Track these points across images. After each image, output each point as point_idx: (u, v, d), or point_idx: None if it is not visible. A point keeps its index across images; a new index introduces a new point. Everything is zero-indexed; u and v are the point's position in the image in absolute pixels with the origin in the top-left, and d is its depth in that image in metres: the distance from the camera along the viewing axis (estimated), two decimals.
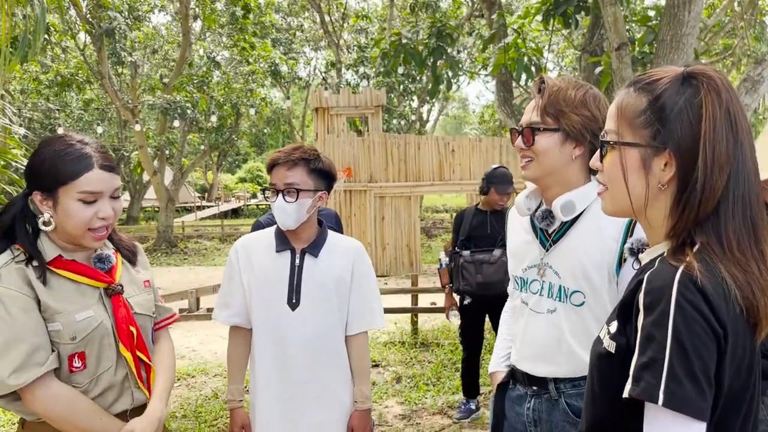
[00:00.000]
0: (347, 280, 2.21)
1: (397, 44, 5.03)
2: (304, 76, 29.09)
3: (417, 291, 7.12)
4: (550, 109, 1.62)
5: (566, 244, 1.66)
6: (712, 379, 0.92)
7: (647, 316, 0.95)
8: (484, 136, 24.41)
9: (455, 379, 5.39)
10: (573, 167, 1.65)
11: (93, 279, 1.62)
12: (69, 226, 1.56)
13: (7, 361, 1.46)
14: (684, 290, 0.92)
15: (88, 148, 1.58)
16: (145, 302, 1.75)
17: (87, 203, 1.55)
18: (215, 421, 4.62)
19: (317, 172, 2.14)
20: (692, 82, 1.02)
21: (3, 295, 1.49)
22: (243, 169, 43.28)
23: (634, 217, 1.11)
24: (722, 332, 0.92)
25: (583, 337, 1.62)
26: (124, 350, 1.62)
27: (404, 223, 13.03)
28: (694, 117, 0.99)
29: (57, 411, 1.52)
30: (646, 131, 1.03)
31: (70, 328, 1.54)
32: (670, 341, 0.91)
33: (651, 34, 5.75)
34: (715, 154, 0.98)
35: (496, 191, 4.37)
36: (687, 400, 0.90)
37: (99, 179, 1.56)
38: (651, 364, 0.93)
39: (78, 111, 23.44)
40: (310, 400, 2.16)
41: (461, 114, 51.38)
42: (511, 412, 1.77)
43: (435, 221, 23.18)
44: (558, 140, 1.63)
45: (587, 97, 1.64)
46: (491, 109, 31.81)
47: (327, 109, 12.84)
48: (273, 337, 2.16)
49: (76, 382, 1.57)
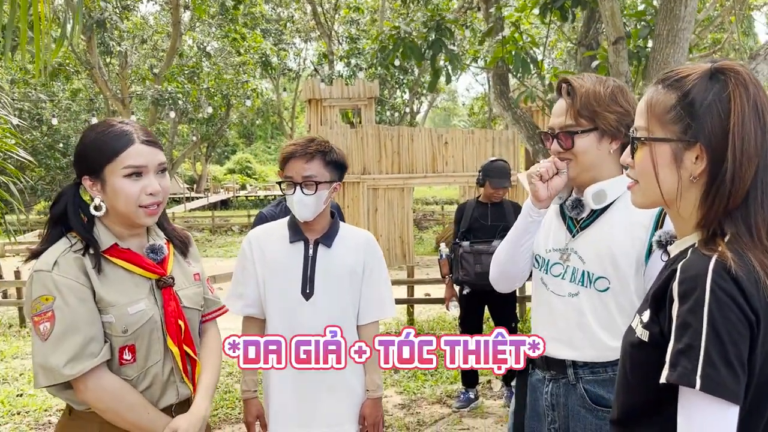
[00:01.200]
0: (359, 270, 2.24)
1: (396, 37, 5.04)
2: (294, 68, 28.96)
3: (413, 282, 7.17)
4: (584, 111, 1.65)
5: (595, 231, 1.70)
6: (745, 364, 0.96)
7: (682, 304, 0.98)
8: (475, 128, 24.44)
9: (452, 369, 5.45)
10: (609, 161, 1.69)
11: (146, 269, 1.62)
12: (119, 204, 1.56)
13: (63, 350, 1.47)
14: (718, 278, 0.96)
15: (128, 126, 1.60)
16: (195, 296, 1.74)
17: (133, 179, 1.55)
18: (215, 411, 4.66)
19: (332, 163, 2.17)
20: (720, 78, 1.05)
21: (60, 284, 1.49)
22: (232, 161, 43.04)
23: (665, 208, 1.15)
24: (755, 319, 0.96)
25: (605, 322, 1.65)
26: (172, 344, 1.62)
27: (397, 215, 13.07)
28: (723, 111, 1.02)
29: (107, 402, 1.52)
30: (677, 126, 1.06)
31: (123, 321, 1.55)
32: (705, 328, 0.95)
33: (646, 29, 5.81)
34: (744, 146, 1.01)
35: (490, 184, 4.41)
36: (722, 385, 0.94)
37: (141, 153, 1.56)
38: (687, 350, 0.96)
39: (66, 101, 23.20)
40: (323, 389, 2.20)
41: (450, 106, 51.40)
42: (531, 396, 1.81)
43: (426, 213, 23.23)
44: (595, 139, 1.67)
45: (615, 91, 1.67)
46: (481, 101, 31.86)
47: (320, 101, 12.83)
48: (287, 327, 2.18)
49: (126, 374, 1.57)
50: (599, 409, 1.64)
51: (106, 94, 17.02)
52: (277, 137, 46.87)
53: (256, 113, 25.66)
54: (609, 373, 1.65)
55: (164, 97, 16.29)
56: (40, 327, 1.48)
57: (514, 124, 6.26)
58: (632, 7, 10.66)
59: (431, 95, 27.57)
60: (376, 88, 13.04)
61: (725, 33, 12.81)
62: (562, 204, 1.78)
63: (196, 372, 1.71)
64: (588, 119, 1.65)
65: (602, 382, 1.66)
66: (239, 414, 4.63)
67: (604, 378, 1.65)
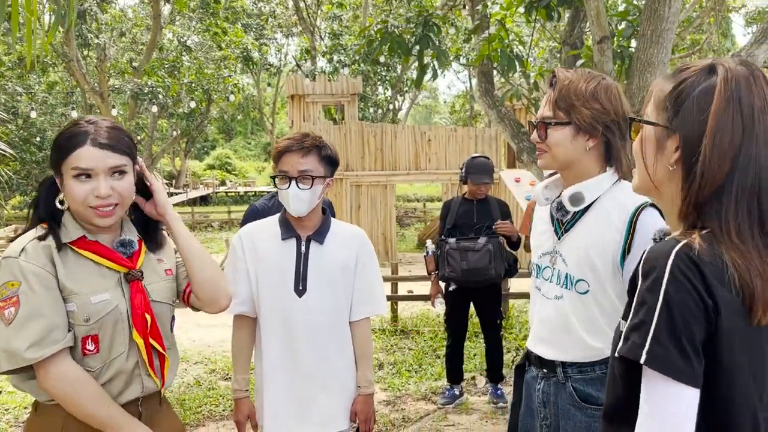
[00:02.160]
0: (351, 267, 2.24)
1: (383, 32, 5.03)
2: (275, 63, 28.79)
3: (397, 279, 7.18)
4: (561, 103, 1.66)
5: (576, 233, 1.71)
6: (699, 348, 0.97)
7: (643, 282, 1.02)
8: (458, 126, 24.52)
9: (437, 366, 5.47)
10: (587, 159, 1.69)
11: (114, 262, 1.63)
12: (71, 203, 1.58)
13: (26, 334, 1.47)
14: (679, 261, 0.99)
15: (91, 126, 1.58)
16: (164, 290, 1.74)
17: (82, 180, 1.55)
18: (199, 408, 4.62)
19: (326, 159, 2.17)
20: (712, 74, 1.07)
21: (27, 270, 1.50)
22: (211, 156, 42.67)
23: (654, 196, 1.16)
24: (714, 307, 0.97)
25: (587, 324, 1.67)
26: (137, 336, 1.62)
27: (380, 212, 13.07)
28: (705, 105, 1.04)
29: (66, 390, 1.52)
30: (665, 114, 1.10)
31: (85, 310, 1.55)
32: (659, 306, 0.98)
33: (629, 29, 5.87)
34: (716, 141, 1.02)
35: (471, 181, 4.43)
36: (668, 362, 0.96)
37: (89, 156, 1.54)
38: (640, 326, 1.00)
39: (42, 94, 22.79)
40: (316, 385, 2.19)
41: (432, 104, 51.51)
42: (525, 393, 1.83)
43: (408, 210, 23.25)
44: (570, 133, 1.67)
45: (599, 89, 1.66)
46: (462, 99, 31.97)
47: (303, 97, 12.77)
48: (280, 325, 2.18)
49: (89, 365, 1.57)
50: (588, 407, 1.66)
51: (84, 88, 16.75)
52: (258, 133, 46.58)
53: (236, 108, 25.46)
54: (597, 372, 1.67)
55: (144, 91, 16.07)
56: (5, 312, 1.49)
57: (498, 122, 6.28)
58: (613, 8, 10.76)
59: (413, 92, 27.60)
60: (359, 84, 13.02)
61: (704, 34, 13.00)
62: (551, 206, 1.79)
63: (164, 367, 1.70)
64: (564, 112, 1.66)
65: (590, 380, 1.68)
66: (223, 411, 4.60)
67: (592, 377, 1.68)
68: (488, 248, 4.28)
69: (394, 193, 13.87)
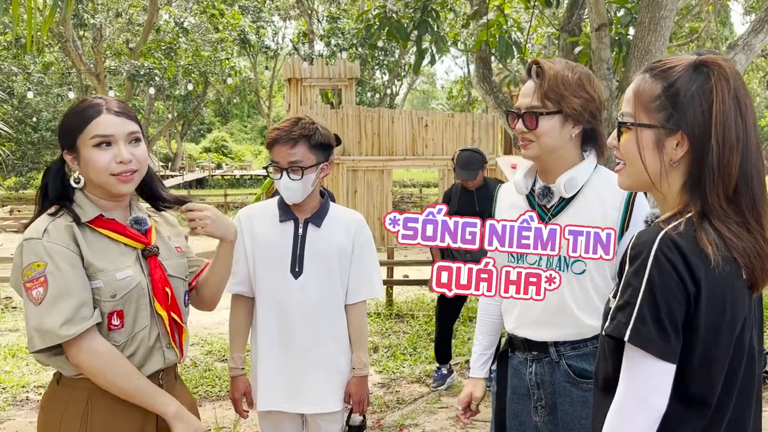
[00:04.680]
0: (348, 251, 2.27)
1: (382, 17, 5.02)
2: (272, 46, 28.60)
3: (393, 264, 7.23)
4: (551, 93, 1.69)
5: (568, 217, 1.74)
6: (679, 327, 1.06)
7: (630, 266, 1.10)
8: (455, 112, 24.47)
9: (431, 349, 5.52)
10: (570, 145, 1.74)
11: (131, 239, 1.66)
12: (92, 174, 1.60)
13: (57, 313, 1.50)
14: (663, 246, 1.06)
15: (100, 99, 1.64)
16: (178, 266, 1.77)
17: (103, 148, 1.59)
18: (196, 389, 4.66)
19: (318, 146, 2.17)
20: (703, 70, 1.12)
21: (52, 251, 1.53)
22: (207, 139, 42.48)
23: (649, 191, 1.21)
24: (695, 289, 1.05)
25: (583, 303, 1.72)
26: (160, 308, 1.66)
27: (376, 197, 13.09)
28: (705, 102, 1.10)
29: (99, 365, 1.55)
30: (660, 114, 1.14)
31: (111, 286, 1.58)
32: (643, 288, 1.06)
33: (627, 16, 5.87)
34: (725, 135, 1.09)
35: (456, 176, 4.48)
36: (650, 340, 1.05)
37: (108, 123, 1.59)
38: (625, 307, 1.08)
39: (37, 74, 22.64)
40: (311, 366, 2.23)
41: (429, 89, 51.32)
42: (514, 378, 1.86)
43: (404, 195, 23.27)
44: (559, 122, 1.71)
45: (582, 78, 1.71)
46: (460, 85, 31.86)
47: (300, 80, 12.72)
48: (276, 305, 2.21)
49: (114, 340, 1.60)
50: (583, 382, 1.71)
51: (80, 68, 16.64)
52: (254, 116, 46.35)
53: (233, 92, 25.33)
54: (589, 347, 1.72)
55: (140, 72, 15.97)
56: (32, 292, 1.51)
57: (496, 108, 6.29)
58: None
59: (410, 77, 27.50)
60: (357, 68, 12.98)
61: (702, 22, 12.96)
62: (529, 194, 1.82)
63: (183, 339, 1.75)
64: (554, 102, 1.69)
65: (583, 356, 1.73)
66: (219, 391, 4.65)
67: (585, 352, 1.73)
68: None
69: (391, 179, 13.88)
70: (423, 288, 7.97)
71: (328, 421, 2.28)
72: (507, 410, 1.87)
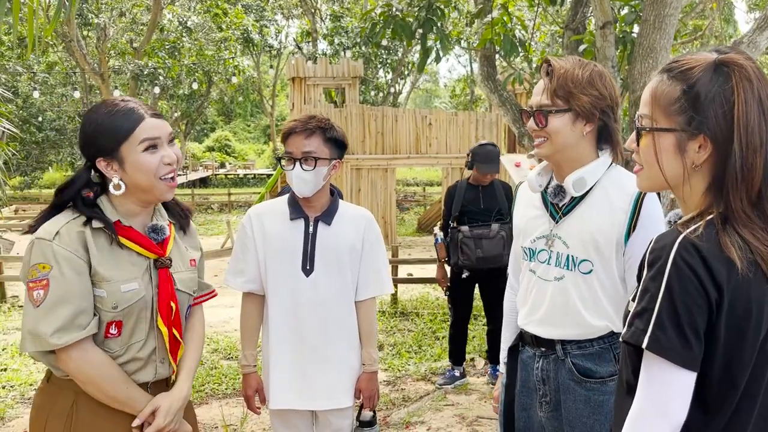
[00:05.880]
0: (358, 248, 2.28)
1: (387, 15, 5.03)
2: (275, 45, 28.62)
3: (397, 262, 7.24)
4: (560, 92, 1.69)
5: (577, 216, 1.75)
6: (701, 334, 1.01)
7: (648, 271, 1.06)
8: (458, 110, 24.45)
9: (436, 347, 5.55)
10: (583, 143, 1.74)
11: (145, 249, 1.64)
12: (141, 179, 1.59)
13: (52, 319, 1.50)
14: (682, 251, 1.02)
15: (132, 103, 1.64)
16: (189, 280, 1.76)
17: (151, 151, 1.60)
18: (202, 387, 4.69)
19: (332, 140, 2.20)
20: (724, 70, 1.08)
21: (59, 254, 1.52)
22: (211, 138, 42.50)
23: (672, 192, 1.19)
24: (716, 295, 1.01)
25: (590, 303, 1.73)
26: (162, 325, 1.64)
27: (380, 196, 13.10)
28: (727, 104, 1.06)
29: (88, 374, 1.55)
30: (681, 117, 1.10)
31: (114, 297, 1.57)
32: (662, 294, 1.02)
33: (632, 14, 5.87)
34: (749, 137, 1.05)
35: (478, 170, 4.45)
36: (669, 347, 1.01)
37: (154, 126, 1.61)
38: (643, 313, 1.05)
39: (42, 74, 22.69)
40: (322, 363, 2.25)
41: (432, 87, 51.28)
42: (522, 372, 1.88)
43: (407, 194, 23.28)
44: (569, 120, 1.71)
45: (594, 75, 1.71)
46: (463, 83, 31.83)
47: (304, 79, 12.75)
48: (288, 303, 2.23)
49: (109, 347, 1.60)
50: (587, 381, 1.72)
51: (84, 68, 16.66)
52: (257, 115, 46.38)
53: (236, 91, 25.36)
54: (595, 347, 1.73)
55: (144, 72, 16.00)
56: (33, 293, 1.51)
57: (500, 106, 6.30)
58: None
59: (413, 76, 27.49)
60: (361, 67, 13.00)
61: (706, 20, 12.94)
62: (544, 191, 1.83)
63: (178, 353, 1.73)
64: (563, 100, 1.69)
65: (589, 355, 1.73)
66: (225, 389, 4.68)
67: (591, 352, 1.74)
68: (501, 235, 4.33)
69: (395, 177, 13.90)
70: (427, 286, 7.99)
71: (339, 416, 2.30)
72: (516, 403, 1.89)
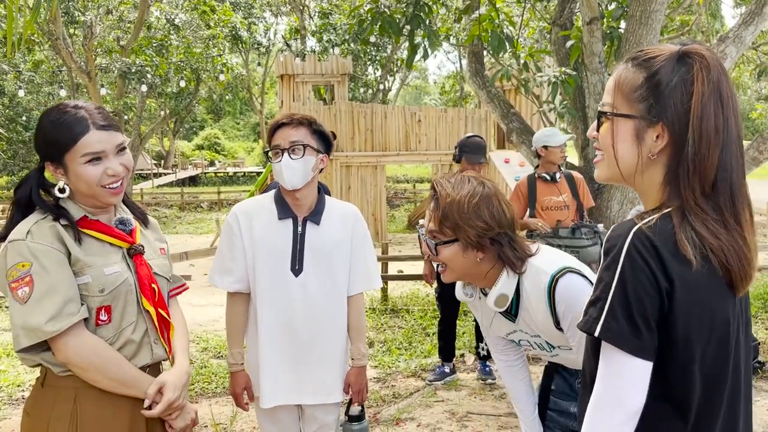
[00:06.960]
0: (347, 244, 2.28)
1: (374, 12, 5.02)
2: (264, 42, 28.51)
3: (387, 259, 7.24)
4: (446, 222, 1.66)
5: (524, 318, 1.76)
6: (652, 323, 1.03)
7: (604, 260, 1.08)
8: (448, 107, 24.47)
9: (426, 344, 5.55)
10: (484, 265, 1.70)
11: (117, 238, 1.68)
12: (82, 187, 1.61)
13: (43, 310, 1.51)
14: (636, 241, 1.03)
15: (83, 111, 1.61)
16: (163, 266, 1.80)
17: (93, 163, 1.60)
18: (192, 386, 4.67)
19: (318, 133, 2.22)
20: (686, 61, 1.08)
21: (36, 251, 1.54)
22: (200, 136, 42.34)
23: (624, 183, 1.18)
24: (668, 285, 1.02)
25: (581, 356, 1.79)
26: (148, 305, 1.67)
27: (370, 193, 13.10)
28: (686, 93, 1.06)
29: (89, 358, 1.56)
30: (641, 105, 1.10)
31: (99, 281, 1.60)
32: (615, 283, 1.04)
33: (619, 10, 5.89)
34: (703, 128, 1.05)
35: (467, 160, 4.45)
36: (621, 336, 1.03)
37: (98, 140, 1.59)
38: (597, 302, 1.06)
39: (28, 73, 22.46)
40: (312, 360, 2.24)
41: (421, 84, 51.31)
42: (558, 378, 1.97)
43: (397, 191, 23.28)
44: (459, 249, 1.67)
45: (480, 204, 1.65)
46: (452, 80, 31.86)
47: (292, 76, 12.70)
48: (277, 303, 2.21)
49: (101, 335, 1.61)
50: None
51: (71, 66, 16.50)
52: (246, 113, 46.23)
53: (225, 88, 25.25)
54: None
55: (132, 70, 15.88)
56: (18, 292, 1.52)
57: (488, 102, 6.31)
58: None
59: (402, 73, 27.48)
60: (350, 64, 12.97)
61: (693, 15, 13.00)
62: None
63: (171, 335, 1.77)
64: (450, 230, 1.66)
65: None
66: (215, 388, 4.66)
67: None
68: None
69: (384, 174, 13.89)
70: (417, 283, 7.99)
71: (325, 412, 2.30)
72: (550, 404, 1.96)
